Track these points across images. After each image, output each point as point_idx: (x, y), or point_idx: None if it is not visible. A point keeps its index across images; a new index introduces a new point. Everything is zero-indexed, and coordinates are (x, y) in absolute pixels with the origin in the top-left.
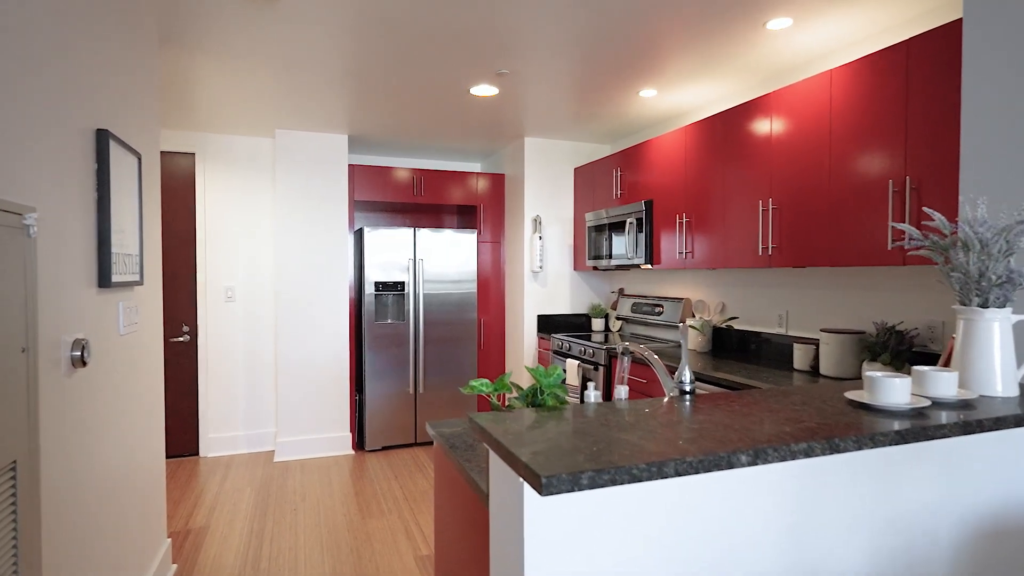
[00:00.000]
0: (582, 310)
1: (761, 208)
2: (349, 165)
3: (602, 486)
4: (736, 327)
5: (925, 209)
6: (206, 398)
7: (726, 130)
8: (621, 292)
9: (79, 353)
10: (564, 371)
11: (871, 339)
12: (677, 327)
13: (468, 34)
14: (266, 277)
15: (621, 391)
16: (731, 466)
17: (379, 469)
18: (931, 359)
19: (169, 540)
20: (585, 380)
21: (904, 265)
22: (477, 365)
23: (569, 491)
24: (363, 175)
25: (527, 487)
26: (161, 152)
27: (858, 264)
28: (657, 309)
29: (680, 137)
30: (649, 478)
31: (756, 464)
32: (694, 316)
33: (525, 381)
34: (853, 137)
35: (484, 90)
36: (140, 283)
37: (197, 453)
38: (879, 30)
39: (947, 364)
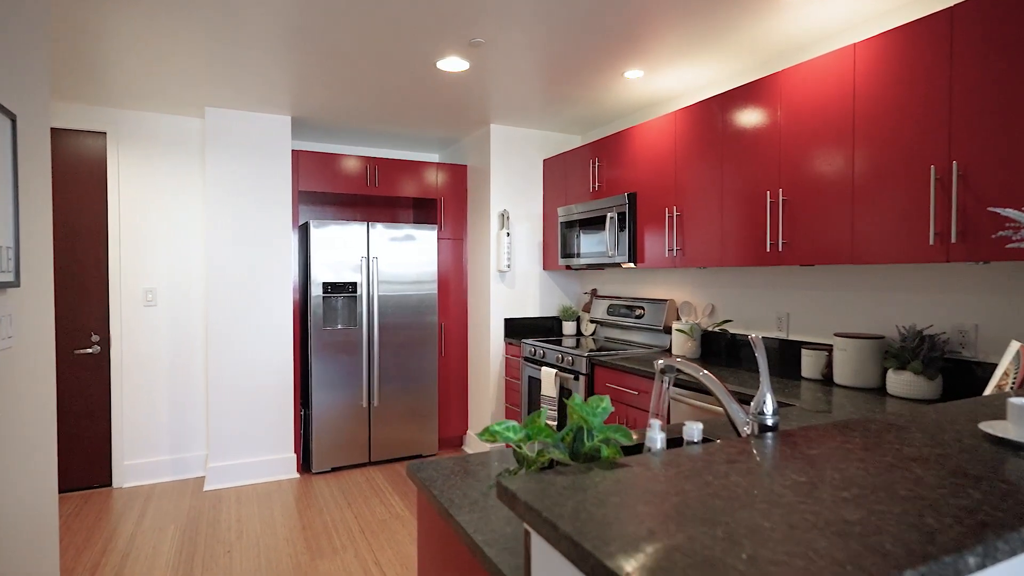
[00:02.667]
0: (551, 313)
1: (769, 200)
2: (292, 151)
3: None
4: (731, 331)
5: None
6: (121, 419)
7: (726, 114)
8: (594, 293)
9: None
10: (546, 384)
11: (895, 345)
12: (660, 331)
13: None
14: (195, 278)
15: (692, 430)
16: (957, 575)
17: (329, 495)
18: (966, 368)
19: None
20: (563, 390)
21: (948, 262)
22: (438, 374)
23: None
24: (309, 163)
25: None
26: (63, 129)
27: (891, 261)
28: (637, 311)
29: (669, 123)
30: None
31: (984, 568)
32: (679, 319)
33: (490, 397)
34: (883, 119)
35: (453, 64)
36: (15, 284)
37: (110, 484)
38: (901, 3)
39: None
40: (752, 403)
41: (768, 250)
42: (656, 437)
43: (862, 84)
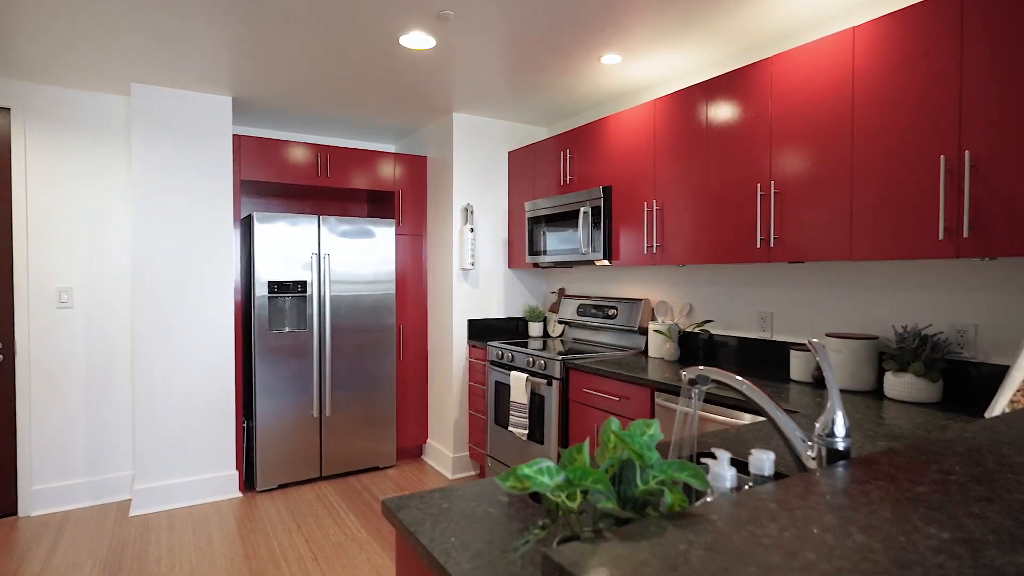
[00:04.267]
0: (516, 313)
1: (760, 193)
2: (234, 136)
3: None
4: (712, 331)
5: None
6: (29, 437)
7: (711, 102)
8: (562, 293)
9: None
10: (513, 385)
11: (892, 346)
12: (635, 331)
13: None
14: (120, 276)
15: (763, 461)
16: None
17: (276, 516)
18: (967, 369)
19: None
20: (535, 395)
21: (958, 258)
22: (396, 379)
23: None
24: (252, 149)
25: None
26: None
27: (895, 257)
28: (610, 312)
29: (648, 112)
30: None
31: None
32: (654, 319)
33: (453, 404)
34: (886, 107)
35: (418, 40)
36: None
37: (15, 512)
38: None
39: None
40: (819, 423)
41: (758, 246)
42: (725, 474)
43: (862, 70)
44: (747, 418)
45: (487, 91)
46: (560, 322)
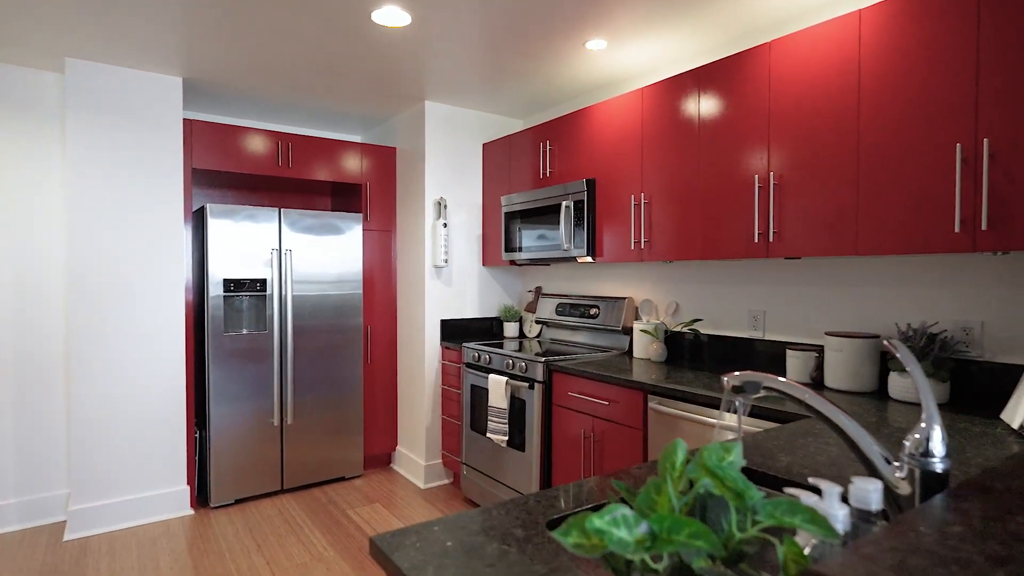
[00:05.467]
0: (490, 313)
1: (758, 184)
2: (185, 120)
3: None
4: (699, 331)
5: None
6: None
7: (704, 90)
8: (539, 291)
9: None
10: (495, 390)
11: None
12: (619, 331)
13: None
14: (53, 273)
15: (869, 492)
16: None
17: (233, 536)
18: (973, 368)
19: None
20: (515, 400)
21: (974, 252)
22: (363, 383)
23: None
24: (205, 135)
25: None
26: None
27: (906, 252)
28: (592, 311)
29: (635, 101)
30: None
31: None
32: (639, 318)
33: (425, 409)
34: (895, 93)
35: (392, 16)
36: None
37: None
38: None
39: None
40: (909, 440)
41: (756, 241)
42: (836, 514)
43: (869, 54)
44: (735, 421)
45: (463, 77)
46: (537, 322)
